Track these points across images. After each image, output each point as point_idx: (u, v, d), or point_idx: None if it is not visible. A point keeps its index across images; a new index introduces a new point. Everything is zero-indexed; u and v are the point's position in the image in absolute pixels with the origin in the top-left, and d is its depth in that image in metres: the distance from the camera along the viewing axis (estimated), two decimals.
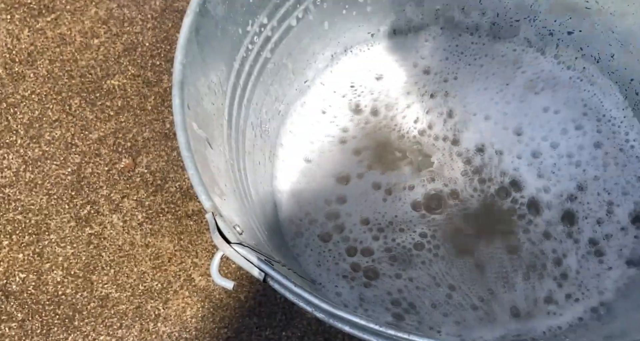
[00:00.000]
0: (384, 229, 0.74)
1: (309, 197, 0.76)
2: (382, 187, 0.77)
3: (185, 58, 0.52)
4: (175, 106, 0.50)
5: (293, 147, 0.79)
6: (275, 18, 0.68)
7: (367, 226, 0.74)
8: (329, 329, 0.80)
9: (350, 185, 0.77)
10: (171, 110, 0.93)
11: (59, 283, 0.83)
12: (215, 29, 0.58)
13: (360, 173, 0.77)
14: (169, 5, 0.99)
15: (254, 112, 0.71)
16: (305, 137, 0.80)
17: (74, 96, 0.93)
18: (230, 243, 0.45)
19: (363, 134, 0.80)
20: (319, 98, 0.82)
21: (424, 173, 0.77)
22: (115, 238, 0.85)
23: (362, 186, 0.77)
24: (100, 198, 0.87)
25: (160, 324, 0.82)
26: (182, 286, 0.83)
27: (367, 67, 0.83)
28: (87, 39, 0.97)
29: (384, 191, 0.76)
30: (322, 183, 0.77)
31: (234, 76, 0.64)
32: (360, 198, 0.76)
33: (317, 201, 0.76)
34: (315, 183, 0.77)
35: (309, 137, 0.80)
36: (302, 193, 0.77)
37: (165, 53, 0.96)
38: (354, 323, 0.43)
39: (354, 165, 0.78)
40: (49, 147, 0.90)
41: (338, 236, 0.74)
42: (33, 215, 0.87)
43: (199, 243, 0.85)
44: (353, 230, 0.74)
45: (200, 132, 0.54)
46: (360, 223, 0.74)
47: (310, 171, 0.78)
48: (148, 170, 0.89)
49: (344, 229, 0.74)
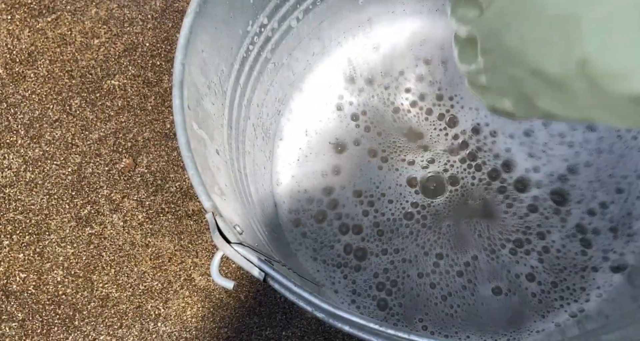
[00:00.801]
0: (374, 203, 0.75)
1: (308, 173, 0.77)
2: (379, 154, 0.77)
3: (186, 58, 0.53)
4: (176, 106, 0.51)
5: (292, 128, 0.79)
6: (276, 18, 0.68)
7: (359, 198, 0.75)
8: (329, 329, 0.81)
9: (345, 153, 0.77)
10: (171, 110, 0.93)
11: (60, 283, 0.84)
12: (215, 29, 0.58)
13: (356, 138, 0.78)
14: (169, 5, 0.99)
15: (254, 112, 0.71)
16: (304, 133, 0.80)
17: (75, 96, 0.93)
18: (230, 243, 0.45)
19: (359, 101, 0.80)
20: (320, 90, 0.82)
21: (417, 149, 0.77)
22: (116, 237, 0.86)
23: (358, 153, 0.77)
24: (101, 198, 0.87)
25: (161, 324, 0.82)
26: (183, 286, 0.83)
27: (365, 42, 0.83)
28: (87, 39, 0.97)
29: (380, 158, 0.77)
30: (320, 155, 0.78)
31: (234, 76, 0.64)
32: (355, 167, 0.76)
33: (314, 175, 0.76)
34: (313, 156, 0.77)
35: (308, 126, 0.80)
36: (302, 172, 0.77)
37: (165, 53, 0.96)
38: (354, 323, 0.44)
39: (352, 131, 0.78)
40: (49, 147, 0.90)
41: (332, 213, 0.74)
42: (33, 215, 0.87)
43: (199, 243, 0.85)
44: (346, 204, 0.75)
45: (200, 132, 0.54)
46: (353, 195, 0.75)
47: (309, 144, 0.78)
48: (148, 170, 0.89)
49: (338, 204, 0.75)
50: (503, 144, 0.77)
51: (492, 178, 0.75)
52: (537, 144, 0.76)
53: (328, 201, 0.76)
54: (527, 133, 0.77)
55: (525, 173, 0.75)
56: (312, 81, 0.82)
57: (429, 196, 0.75)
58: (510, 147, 0.76)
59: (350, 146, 0.78)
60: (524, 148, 0.76)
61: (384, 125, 0.79)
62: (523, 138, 0.77)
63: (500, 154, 0.76)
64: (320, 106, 0.81)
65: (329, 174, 0.77)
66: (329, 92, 0.82)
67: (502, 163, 0.76)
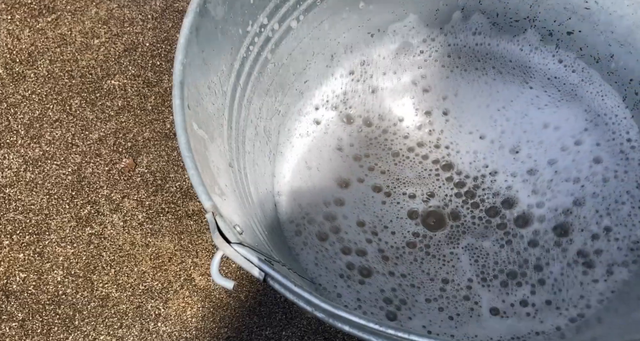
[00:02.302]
0: (377, 233, 0.74)
1: (309, 199, 0.76)
2: (383, 190, 0.77)
3: (186, 58, 0.53)
4: (176, 106, 0.51)
5: (293, 147, 0.79)
6: (275, 19, 0.68)
7: (362, 228, 0.75)
8: (328, 329, 0.81)
9: (349, 189, 0.77)
10: (171, 110, 0.93)
11: (60, 283, 0.84)
12: (215, 29, 0.58)
13: (360, 177, 0.77)
14: (169, 5, 0.99)
15: (254, 112, 0.71)
16: (304, 150, 0.79)
17: (75, 96, 0.93)
18: (230, 243, 0.45)
19: (358, 143, 0.79)
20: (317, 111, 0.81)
21: (418, 189, 0.77)
22: (116, 237, 0.86)
23: (362, 189, 0.77)
24: (101, 197, 0.88)
25: (161, 324, 0.82)
26: (183, 285, 0.83)
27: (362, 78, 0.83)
28: (87, 39, 0.97)
29: (384, 193, 0.76)
30: (321, 183, 0.77)
31: (234, 76, 0.64)
32: (359, 201, 0.76)
33: (316, 202, 0.76)
34: (315, 187, 0.77)
35: (307, 148, 0.79)
36: (303, 197, 0.77)
37: (165, 53, 0.96)
38: (354, 323, 0.44)
39: (356, 170, 0.78)
40: (49, 147, 0.90)
41: (334, 236, 0.74)
42: (33, 215, 0.87)
43: (199, 243, 0.85)
44: (348, 232, 0.74)
45: (200, 132, 0.54)
46: (357, 225, 0.75)
47: (311, 177, 0.78)
48: (148, 170, 0.89)
49: (340, 230, 0.74)
50: (504, 183, 0.76)
51: (491, 216, 0.75)
52: (541, 182, 0.76)
53: (330, 226, 0.75)
54: (531, 172, 0.77)
55: (527, 208, 0.75)
56: (311, 84, 0.82)
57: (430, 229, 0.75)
58: (512, 185, 0.76)
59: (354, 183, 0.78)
60: (528, 185, 0.76)
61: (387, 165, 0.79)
62: (526, 176, 0.76)
63: (501, 192, 0.76)
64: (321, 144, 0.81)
65: (332, 204, 0.76)
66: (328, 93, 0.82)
67: (502, 201, 0.76)
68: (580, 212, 0.74)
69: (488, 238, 0.74)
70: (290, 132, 0.80)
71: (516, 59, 0.83)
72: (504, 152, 0.78)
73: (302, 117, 0.80)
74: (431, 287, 0.71)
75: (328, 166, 0.78)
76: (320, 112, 0.81)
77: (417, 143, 0.79)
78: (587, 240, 0.72)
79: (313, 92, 0.82)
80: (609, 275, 0.70)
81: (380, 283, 0.71)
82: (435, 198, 0.76)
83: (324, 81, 0.82)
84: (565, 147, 0.77)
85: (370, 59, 0.83)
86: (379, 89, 0.82)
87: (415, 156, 0.79)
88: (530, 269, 0.71)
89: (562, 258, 0.71)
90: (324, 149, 0.79)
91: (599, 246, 0.71)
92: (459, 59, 0.83)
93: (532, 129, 0.79)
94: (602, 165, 0.75)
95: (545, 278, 0.71)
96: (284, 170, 0.78)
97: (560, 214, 0.74)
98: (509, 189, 0.76)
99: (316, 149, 0.79)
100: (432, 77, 0.83)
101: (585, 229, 0.73)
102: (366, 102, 0.81)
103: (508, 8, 0.79)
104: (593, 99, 0.79)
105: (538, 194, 0.75)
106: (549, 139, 0.78)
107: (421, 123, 0.80)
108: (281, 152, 0.79)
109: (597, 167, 0.75)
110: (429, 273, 0.72)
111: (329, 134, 0.80)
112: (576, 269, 0.71)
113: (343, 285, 0.72)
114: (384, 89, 0.82)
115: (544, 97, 0.80)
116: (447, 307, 0.70)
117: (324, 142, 0.80)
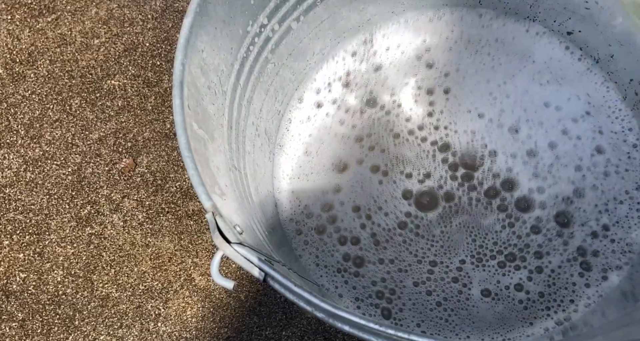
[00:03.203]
0: (371, 216, 0.75)
1: (308, 191, 0.77)
2: (380, 169, 0.77)
3: (186, 58, 0.53)
4: (176, 106, 0.51)
5: (293, 147, 0.79)
6: (275, 19, 0.68)
7: (357, 213, 0.75)
8: (328, 329, 0.81)
9: (347, 172, 0.77)
10: (171, 110, 0.93)
11: (60, 283, 0.84)
12: (215, 29, 0.58)
13: (360, 158, 0.77)
14: (169, 5, 0.99)
15: (254, 112, 0.71)
16: (304, 136, 0.80)
17: (75, 96, 0.93)
18: (230, 243, 0.45)
19: (360, 124, 0.79)
20: (318, 94, 0.81)
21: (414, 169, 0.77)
22: (116, 237, 0.86)
23: (361, 171, 0.77)
24: (101, 197, 0.88)
25: (161, 324, 0.82)
26: (183, 285, 0.83)
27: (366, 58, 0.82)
28: (87, 39, 0.97)
29: (381, 172, 0.76)
30: (320, 171, 0.77)
31: (234, 76, 0.64)
32: (357, 184, 0.76)
33: (314, 193, 0.76)
34: (314, 176, 0.77)
35: (308, 133, 0.80)
36: (302, 189, 0.77)
37: (165, 53, 0.96)
38: (354, 323, 0.44)
39: (356, 151, 0.78)
40: (49, 147, 0.90)
41: (331, 227, 0.75)
42: (33, 215, 0.87)
43: (199, 243, 0.85)
44: (344, 219, 0.75)
45: (200, 132, 0.54)
46: (352, 210, 0.75)
47: (310, 164, 0.78)
48: (148, 170, 0.89)
49: (336, 219, 0.75)
50: (504, 164, 0.76)
51: (490, 197, 0.75)
52: (542, 166, 0.75)
53: (327, 216, 0.76)
54: (531, 153, 0.76)
55: (528, 193, 0.74)
56: (310, 86, 0.82)
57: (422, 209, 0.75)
58: (512, 166, 0.75)
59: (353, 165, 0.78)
60: (529, 168, 0.75)
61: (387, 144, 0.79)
62: (526, 158, 0.76)
63: (501, 173, 0.75)
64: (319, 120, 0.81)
65: (330, 192, 0.77)
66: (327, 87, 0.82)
67: (501, 182, 0.75)
68: (580, 204, 0.73)
69: (487, 217, 0.74)
70: (291, 121, 0.80)
71: (521, 37, 0.80)
72: (503, 132, 0.77)
73: (302, 103, 0.81)
74: (418, 269, 0.72)
75: (328, 150, 0.79)
76: (322, 94, 0.81)
77: (417, 126, 0.79)
78: (587, 237, 0.72)
79: (314, 76, 0.81)
80: (603, 281, 0.70)
81: (372, 273, 0.72)
82: (431, 178, 0.76)
83: (325, 65, 0.82)
84: (567, 130, 0.76)
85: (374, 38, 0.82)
86: (382, 67, 0.81)
87: (414, 138, 0.78)
88: (530, 255, 0.71)
89: (562, 251, 0.72)
90: (324, 132, 0.79)
91: (597, 246, 0.71)
92: (462, 33, 0.82)
93: (533, 108, 0.77)
94: (604, 156, 0.74)
95: (544, 266, 0.71)
96: (282, 163, 0.78)
97: (561, 202, 0.73)
98: (509, 170, 0.75)
99: (317, 134, 0.79)
100: (435, 50, 0.81)
101: (585, 224, 0.72)
102: (369, 83, 0.81)
103: (508, 8, 0.79)
104: (597, 90, 0.78)
105: (539, 179, 0.74)
106: (549, 120, 0.76)
107: (423, 104, 0.80)
108: (280, 145, 0.79)
109: (598, 158, 0.75)
110: (416, 255, 0.72)
111: (330, 117, 0.80)
112: (574, 267, 0.71)
113: (341, 281, 0.72)
114: (388, 66, 0.81)
115: (546, 73, 0.78)
116: (435, 290, 0.70)
117: (324, 125, 0.80)
